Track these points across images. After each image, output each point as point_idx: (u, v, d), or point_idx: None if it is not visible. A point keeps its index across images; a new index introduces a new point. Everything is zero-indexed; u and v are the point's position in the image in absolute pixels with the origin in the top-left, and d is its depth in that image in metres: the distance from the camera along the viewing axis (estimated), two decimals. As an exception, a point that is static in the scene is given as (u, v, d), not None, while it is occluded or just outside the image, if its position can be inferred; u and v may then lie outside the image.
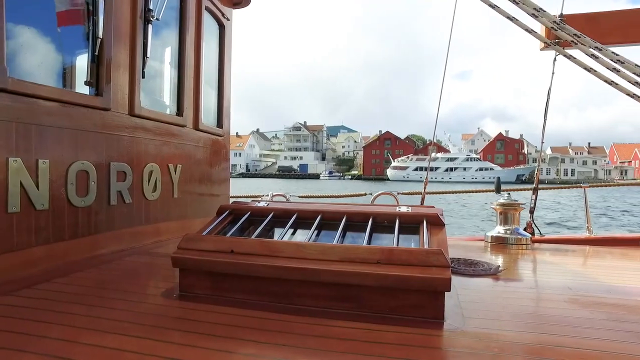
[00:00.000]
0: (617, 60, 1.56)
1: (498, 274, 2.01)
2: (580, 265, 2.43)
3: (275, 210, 1.98)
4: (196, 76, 3.06)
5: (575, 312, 1.54)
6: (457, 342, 1.24)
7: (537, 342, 1.28)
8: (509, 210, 2.80)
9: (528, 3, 1.73)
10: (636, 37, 2.75)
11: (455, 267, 2.05)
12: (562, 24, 1.67)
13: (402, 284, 1.37)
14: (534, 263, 2.42)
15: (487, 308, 1.56)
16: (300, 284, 1.46)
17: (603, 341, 1.26)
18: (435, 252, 1.40)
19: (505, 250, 2.68)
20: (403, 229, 1.75)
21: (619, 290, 1.81)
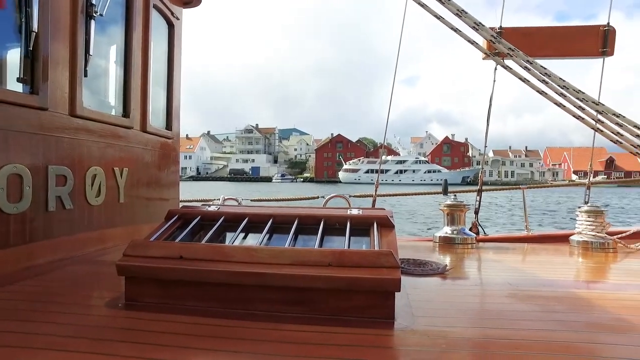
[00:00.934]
0: (545, 73, 1.69)
1: (445, 273, 2.10)
2: (519, 261, 2.58)
3: (226, 214, 1.95)
4: (144, 76, 2.96)
5: (513, 306, 1.63)
6: (407, 341, 1.28)
7: (481, 336, 1.35)
8: (455, 212, 2.93)
9: (469, 17, 1.83)
10: (565, 51, 3.03)
11: (405, 268, 2.12)
12: (499, 37, 1.78)
13: (353, 285, 1.40)
14: (478, 261, 2.54)
15: (436, 306, 1.63)
16: (252, 289, 1.45)
17: (536, 331, 1.36)
18: (385, 254, 1.44)
19: (452, 249, 2.80)
20: (354, 231, 1.79)
21: (551, 284, 1.94)
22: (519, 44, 1.80)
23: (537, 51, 2.92)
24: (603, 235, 2.78)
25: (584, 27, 3.17)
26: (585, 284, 2.09)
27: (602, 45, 3.04)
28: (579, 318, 1.49)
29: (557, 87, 1.76)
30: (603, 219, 2.82)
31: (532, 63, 1.78)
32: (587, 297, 1.77)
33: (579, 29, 3.17)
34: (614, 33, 3.05)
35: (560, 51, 3.04)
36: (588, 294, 1.84)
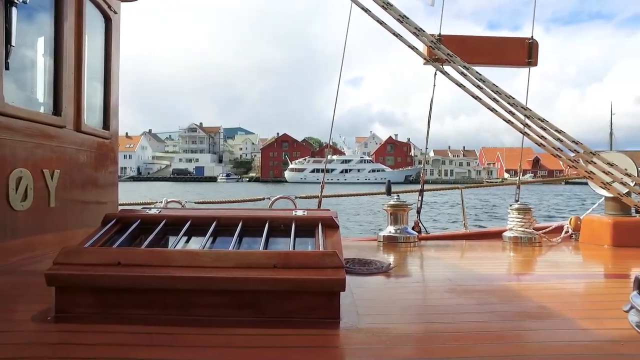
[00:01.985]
0: (480, 79, 1.78)
1: (389, 272, 2.16)
2: (458, 258, 2.71)
3: (167, 218, 1.88)
4: (77, 72, 2.77)
5: (453, 300, 1.71)
6: (352, 340, 1.30)
7: (423, 330, 1.41)
8: (398, 211, 3.03)
9: (410, 22, 1.89)
10: (497, 60, 3.27)
11: (350, 267, 2.15)
12: (438, 43, 1.86)
13: (299, 286, 1.40)
14: (420, 259, 2.64)
15: (380, 304, 1.67)
16: (195, 294, 1.41)
17: (472, 323, 1.44)
18: (330, 254, 1.46)
19: (395, 248, 2.89)
20: (299, 233, 1.79)
21: (486, 278, 2.06)
22: (456, 51, 1.90)
23: (472, 58, 3.10)
24: (530, 231, 3.00)
25: (512, 39, 3.42)
26: (515, 276, 2.24)
27: (528, 56, 3.31)
28: (509, 308, 1.60)
29: (491, 93, 1.86)
30: (530, 216, 3.04)
31: (468, 69, 1.87)
32: (517, 288, 1.90)
33: (508, 40, 3.42)
34: (537, 46, 3.32)
35: (492, 59, 3.27)
36: (517, 285, 1.97)
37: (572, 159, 1.92)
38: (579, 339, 1.31)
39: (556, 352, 1.22)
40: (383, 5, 1.92)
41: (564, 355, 1.20)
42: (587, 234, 3.07)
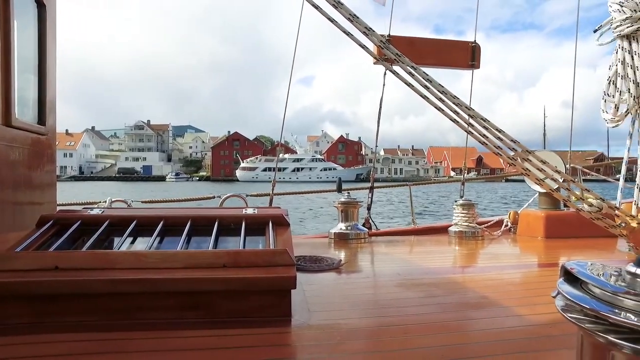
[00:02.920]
0: (427, 80, 1.83)
1: (340, 268, 2.18)
2: (407, 253, 2.79)
3: (111, 218, 1.79)
4: (5, 63, 2.55)
5: (401, 294, 1.76)
6: (304, 337, 1.30)
7: (374, 324, 1.44)
8: (349, 208, 3.07)
9: (360, 22, 1.90)
10: (442, 62, 3.40)
11: (301, 265, 2.16)
12: (387, 43, 1.89)
13: (249, 285, 1.38)
14: (371, 255, 2.69)
15: (331, 300, 1.69)
16: (142, 297, 1.35)
17: (419, 315, 1.49)
18: (281, 252, 1.45)
19: (346, 245, 2.92)
20: (249, 231, 1.77)
21: (432, 271, 2.14)
22: (405, 52, 1.94)
23: (420, 59, 3.20)
24: (474, 226, 3.14)
25: (457, 42, 3.57)
26: (460, 269, 2.34)
27: (471, 59, 3.46)
28: (453, 300, 1.67)
29: (437, 93, 1.92)
30: (474, 211, 3.19)
31: (416, 69, 1.92)
32: (461, 280, 1.98)
33: (454, 43, 3.56)
34: (479, 49, 3.49)
35: (438, 61, 3.39)
36: (461, 277, 2.06)
37: (511, 157, 2.03)
38: (515, 325, 1.39)
39: (495, 338, 1.29)
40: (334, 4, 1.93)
41: (501, 341, 1.27)
42: (524, 227, 3.27)
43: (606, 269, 0.72)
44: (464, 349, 1.21)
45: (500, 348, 1.22)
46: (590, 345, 0.69)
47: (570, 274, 0.73)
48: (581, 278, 0.70)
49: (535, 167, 1.99)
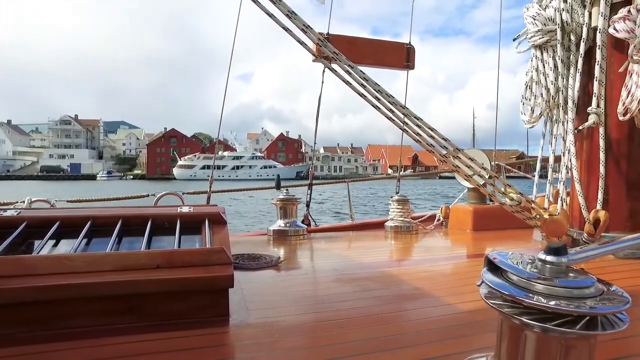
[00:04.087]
0: (364, 78, 1.88)
1: (279, 265, 2.18)
2: (345, 248, 2.84)
3: (29, 219, 1.64)
4: None
5: (339, 289, 1.79)
6: (242, 336, 1.29)
7: (312, 320, 1.45)
8: (287, 205, 3.06)
9: (299, 19, 1.91)
10: (379, 61, 3.50)
11: (239, 263, 2.12)
12: (325, 41, 1.91)
13: (185, 286, 1.34)
14: (309, 251, 2.70)
15: (270, 298, 1.68)
16: (68, 304, 1.25)
17: (356, 309, 1.52)
18: (217, 251, 1.42)
19: (285, 242, 2.92)
20: (185, 230, 1.71)
21: (369, 266, 2.20)
22: (344, 50, 1.97)
23: (358, 58, 3.27)
24: (409, 220, 3.27)
25: (393, 43, 3.68)
26: (395, 262, 2.42)
27: (406, 60, 3.60)
28: (388, 292, 1.72)
29: (374, 92, 1.97)
30: (409, 206, 3.31)
31: (353, 68, 1.96)
32: (396, 273, 2.05)
33: (390, 44, 3.67)
34: (414, 51, 3.63)
35: (376, 61, 3.48)
36: (397, 270, 2.14)
37: (442, 154, 2.13)
38: (445, 313, 1.47)
39: (427, 327, 1.35)
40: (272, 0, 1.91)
41: (432, 329, 1.33)
42: (454, 221, 3.45)
43: (523, 257, 0.77)
44: (398, 339, 1.26)
45: (431, 336, 1.28)
46: (508, 327, 0.75)
47: (492, 263, 0.77)
48: (501, 267, 0.75)
49: (464, 164, 2.12)
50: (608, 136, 2.31)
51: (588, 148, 2.42)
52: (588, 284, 0.69)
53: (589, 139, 2.40)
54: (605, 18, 2.24)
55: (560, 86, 2.44)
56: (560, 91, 2.44)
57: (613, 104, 2.26)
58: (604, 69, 2.26)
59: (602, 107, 2.26)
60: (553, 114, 2.53)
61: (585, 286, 0.68)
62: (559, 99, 2.45)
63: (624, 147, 2.32)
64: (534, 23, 2.51)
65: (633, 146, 2.31)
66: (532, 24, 2.53)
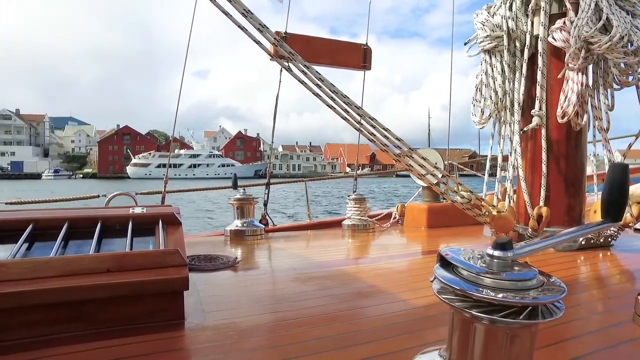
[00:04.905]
0: (319, 78, 1.89)
1: (236, 265, 2.15)
2: (303, 247, 2.84)
3: None
4: None
5: (298, 288, 1.79)
6: (198, 339, 1.26)
7: (270, 320, 1.44)
8: (244, 205, 3.03)
9: (255, 18, 1.90)
10: (336, 62, 3.53)
11: (195, 264, 2.09)
12: (281, 41, 1.91)
13: (138, 290, 1.29)
14: (267, 251, 2.69)
15: (227, 299, 1.65)
16: (7, 314, 1.16)
17: (314, 307, 1.53)
18: (172, 252, 1.38)
19: (243, 242, 2.89)
20: (138, 232, 1.66)
21: (326, 265, 2.21)
22: (301, 50, 1.97)
23: (315, 58, 3.29)
24: (365, 219, 3.33)
25: (350, 44, 3.73)
26: (352, 260, 2.46)
27: (363, 61, 3.65)
28: (346, 290, 1.74)
29: (329, 92, 1.99)
30: (366, 205, 3.37)
31: (309, 68, 1.97)
32: (353, 271, 2.08)
33: (347, 44, 3.71)
34: (370, 52, 3.69)
35: (333, 61, 3.51)
36: (354, 268, 2.17)
37: (396, 154, 2.18)
38: (401, 309, 1.51)
39: (383, 324, 1.38)
40: (228, -2, 1.88)
41: (389, 325, 1.37)
42: (410, 219, 3.55)
43: (474, 253, 0.81)
44: (355, 336, 1.28)
45: (387, 332, 1.31)
46: (459, 320, 0.78)
47: (444, 259, 0.80)
48: (453, 262, 0.78)
49: (418, 163, 2.18)
50: (549, 137, 2.45)
51: (532, 148, 2.55)
52: (531, 276, 0.73)
53: (532, 140, 2.54)
54: (545, 27, 2.38)
55: (507, 89, 2.56)
56: (507, 94, 2.57)
57: (553, 107, 2.40)
58: (545, 74, 2.40)
59: (544, 110, 2.40)
60: (501, 115, 2.65)
61: (528, 278, 0.72)
62: (506, 102, 2.57)
63: (563, 148, 2.47)
64: (483, 29, 2.63)
65: (570, 147, 2.47)
66: (481, 29, 2.65)
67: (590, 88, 2.33)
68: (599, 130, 2.38)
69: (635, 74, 2.26)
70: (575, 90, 2.26)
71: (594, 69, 2.33)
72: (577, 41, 2.18)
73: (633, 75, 2.27)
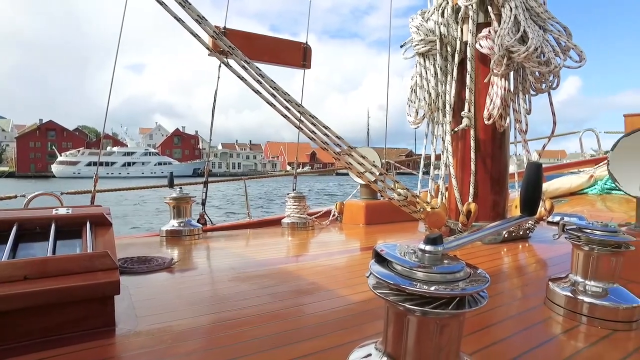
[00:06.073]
0: (260, 75, 1.88)
1: (172, 267, 2.08)
2: (242, 246, 2.80)
3: None
4: None
5: (237, 288, 1.76)
6: (130, 345, 1.20)
7: (208, 322, 1.40)
8: (181, 204, 2.93)
9: (193, 9, 1.84)
10: (277, 59, 3.53)
11: (127, 267, 1.99)
12: (221, 35, 1.87)
13: (62, 297, 1.20)
14: (206, 251, 2.62)
15: (162, 302, 1.59)
16: None
17: (254, 306, 1.52)
18: (100, 255, 1.30)
19: (179, 242, 2.79)
20: (62, 234, 1.54)
21: (266, 263, 2.20)
22: (241, 46, 1.94)
23: (255, 55, 3.26)
24: (305, 217, 3.35)
25: (291, 42, 3.73)
26: (292, 258, 2.46)
27: (303, 59, 3.67)
28: (286, 288, 1.75)
29: (270, 89, 1.98)
30: (305, 203, 3.40)
31: (249, 64, 1.94)
32: (293, 269, 2.09)
33: (288, 42, 3.71)
34: (310, 51, 3.72)
35: (273, 58, 3.50)
36: (294, 266, 2.17)
37: (336, 152, 2.21)
38: (340, 305, 1.54)
39: (323, 320, 1.40)
40: (162, -13, 1.81)
41: (328, 321, 1.39)
42: (348, 216, 3.62)
43: (408, 248, 0.84)
44: (296, 333, 1.28)
45: (327, 328, 1.33)
46: (393, 314, 0.81)
47: (380, 255, 0.83)
48: (388, 258, 0.81)
49: (357, 161, 2.24)
50: (477, 138, 2.62)
51: (462, 148, 2.71)
52: (459, 269, 0.77)
53: (462, 140, 2.69)
54: (473, 35, 2.53)
55: (440, 91, 2.70)
56: (439, 96, 2.70)
57: (481, 110, 2.56)
58: (473, 78, 2.56)
59: (472, 112, 2.55)
60: (434, 116, 2.78)
61: (457, 271, 0.77)
62: (439, 103, 2.70)
63: (489, 148, 2.64)
64: (418, 33, 2.74)
65: (495, 147, 2.65)
66: (416, 33, 2.76)
67: (511, 93, 2.51)
68: (519, 132, 2.58)
69: (547, 82, 2.47)
70: (500, 95, 2.43)
71: (514, 75, 2.53)
72: (500, 49, 2.34)
73: (545, 83, 2.48)
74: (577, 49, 2.34)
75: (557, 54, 2.35)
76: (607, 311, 1.33)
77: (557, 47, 2.37)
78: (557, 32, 2.38)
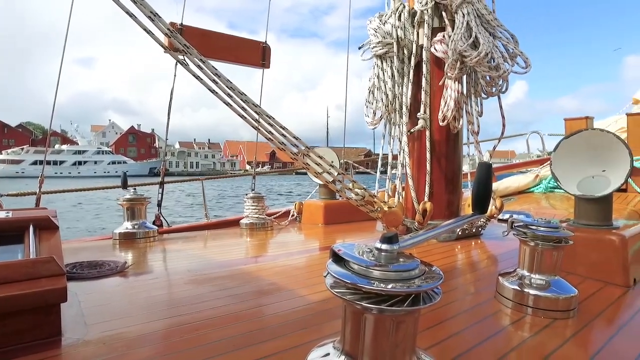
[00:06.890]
0: (216, 74, 1.85)
1: (125, 271, 2.01)
2: (200, 248, 2.74)
3: None
4: None
5: (194, 291, 1.73)
6: (78, 355, 1.14)
7: (164, 327, 1.36)
8: (135, 205, 2.83)
9: (146, 5, 1.78)
10: (235, 58, 3.48)
11: (77, 272, 1.90)
12: (175, 32, 1.82)
13: (1, 307, 1.13)
14: (162, 253, 2.54)
15: (114, 308, 1.53)
16: None
17: (214, 309, 1.49)
18: (45, 261, 1.23)
19: (134, 245, 2.70)
20: (1, 240, 1.45)
21: (225, 265, 2.17)
22: (198, 43, 1.90)
23: (212, 53, 3.20)
24: (264, 217, 3.33)
25: (249, 40, 3.69)
26: (252, 259, 2.44)
27: (262, 59, 3.65)
28: (246, 289, 1.73)
29: (225, 88, 1.95)
30: (264, 203, 3.37)
31: (205, 62, 1.90)
32: (253, 270, 2.07)
33: (247, 41, 3.67)
34: (269, 50, 3.70)
35: (231, 57, 3.45)
36: (254, 267, 2.15)
37: (294, 152, 2.21)
38: (300, 305, 1.54)
39: (283, 321, 1.39)
40: (113, -20, 1.75)
41: (288, 322, 1.38)
42: (307, 216, 3.63)
43: (365, 247, 0.85)
44: (256, 335, 1.27)
45: (287, 328, 1.33)
46: (351, 312, 0.82)
47: (337, 255, 0.84)
48: (344, 257, 0.82)
49: (314, 162, 2.24)
50: (432, 138, 2.69)
51: (418, 148, 2.78)
52: (414, 267, 0.79)
53: (418, 141, 2.76)
54: (428, 39, 2.61)
55: (397, 93, 2.75)
56: (396, 97, 2.76)
57: (436, 111, 2.64)
58: (429, 81, 2.63)
59: (427, 114, 2.63)
60: (391, 117, 2.84)
61: (412, 269, 0.79)
62: (396, 105, 2.76)
63: (444, 148, 2.73)
64: (376, 35, 2.79)
65: (449, 148, 2.74)
66: (374, 35, 2.81)
67: (464, 96, 2.61)
68: (472, 134, 2.68)
69: (497, 86, 2.59)
70: (453, 97, 2.51)
71: (467, 79, 2.63)
72: (453, 53, 2.43)
73: (495, 87, 2.60)
74: (523, 56, 2.46)
75: (506, 60, 2.47)
76: (549, 302, 1.41)
77: (506, 53, 2.48)
78: (505, 39, 2.50)
